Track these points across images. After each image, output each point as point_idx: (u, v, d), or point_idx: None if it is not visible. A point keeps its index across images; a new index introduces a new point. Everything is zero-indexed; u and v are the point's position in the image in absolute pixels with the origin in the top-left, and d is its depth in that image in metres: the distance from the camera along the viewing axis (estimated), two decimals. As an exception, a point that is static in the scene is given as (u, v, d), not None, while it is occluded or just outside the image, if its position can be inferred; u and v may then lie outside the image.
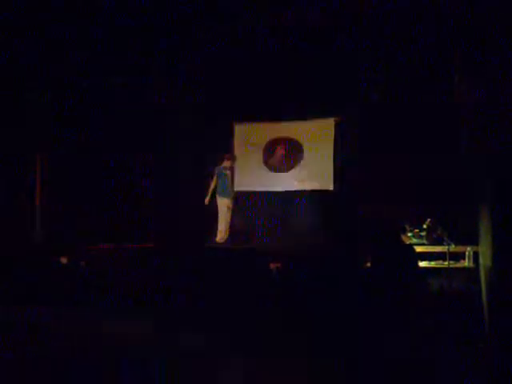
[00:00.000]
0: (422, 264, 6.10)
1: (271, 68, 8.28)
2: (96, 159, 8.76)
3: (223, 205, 8.48)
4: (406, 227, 6.70)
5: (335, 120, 8.66)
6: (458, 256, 6.39)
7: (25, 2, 6.73)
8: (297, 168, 8.97)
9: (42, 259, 7.21)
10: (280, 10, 6.97)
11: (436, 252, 6.50)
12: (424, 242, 6.75)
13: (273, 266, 6.35)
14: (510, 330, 4.13)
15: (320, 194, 8.69)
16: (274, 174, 9.11)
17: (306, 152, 8.93)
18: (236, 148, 9.18)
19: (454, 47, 6.17)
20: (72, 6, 6.80)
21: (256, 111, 8.91)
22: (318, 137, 8.84)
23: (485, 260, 4.57)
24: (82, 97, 8.52)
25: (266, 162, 9.13)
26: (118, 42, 7.76)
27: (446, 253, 6.27)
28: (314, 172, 8.82)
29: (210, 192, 8.51)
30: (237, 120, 9.16)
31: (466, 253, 6.28)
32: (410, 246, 5.45)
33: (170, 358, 4.67)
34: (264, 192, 8.99)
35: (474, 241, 5.54)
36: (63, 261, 7.06)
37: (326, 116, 8.75)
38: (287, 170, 9.04)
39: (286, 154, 9.06)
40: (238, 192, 8.81)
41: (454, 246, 6.35)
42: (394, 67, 7.85)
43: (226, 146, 8.98)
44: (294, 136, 9.04)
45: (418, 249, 6.03)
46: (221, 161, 8.75)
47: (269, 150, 9.14)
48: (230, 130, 9.21)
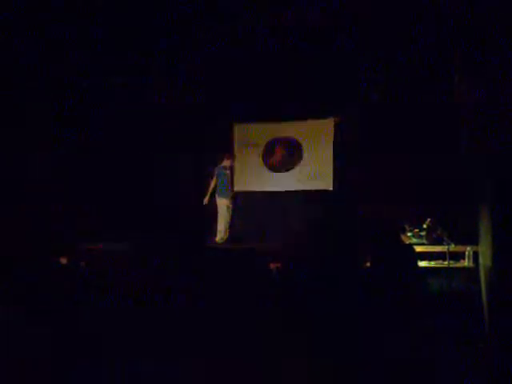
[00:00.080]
0: (421, 264, 6.11)
1: (271, 68, 8.28)
2: (96, 159, 8.76)
3: (223, 205, 8.49)
4: (406, 227, 6.72)
5: (335, 120, 8.66)
6: (458, 256, 6.39)
7: (25, 2, 6.73)
8: (296, 168, 8.98)
9: (42, 259, 7.21)
10: (280, 9, 6.98)
11: (436, 252, 6.51)
12: (424, 241, 6.75)
13: (273, 266, 6.35)
14: (509, 329, 4.13)
15: (320, 194, 8.70)
16: (273, 173, 9.12)
17: (305, 152, 8.94)
18: (236, 148, 9.20)
19: (454, 47, 6.16)
20: (72, 5, 6.81)
21: (256, 111, 8.92)
22: (317, 137, 8.84)
23: (485, 260, 4.57)
24: (82, 97, 8.52)
25: (265, 161, 9.14)
26: (118, 42, 7.77)
27: (445, 252, 6.27)
28: (313, 172, 8.82)
29: (210, 192, 8.51)
30: (237, 120, 9.17)
31: (466, 252, 6.28)
32: (410, 246, 5.46)
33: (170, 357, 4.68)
34: (264, 192, 9.00)
35: (473, 240, 5.54)
36: (63, 261, 7.06)
37: (325, 116, 8.76)
38: (287, 169, 9.05)
39: (285, 154, 9.06)
40: (237, 192, 8.82)
41: (453, 245, 6.36)
42: (393, 67, 7.86)
43: (225, 146, 8.99)
44: (294, 136, 9.04)
45: (418, 248, 6.03)
46: (220, 160, 8.78)
47: (269, 149, 9.14)
48: (229, 130, 9.22)
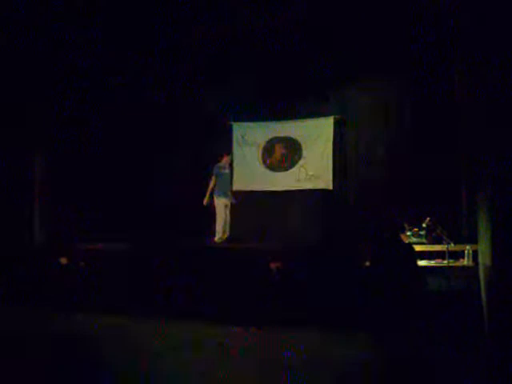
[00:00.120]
0: (421, 263, 6.12)
1: (271, 68, 8.28)
2: (96, 159, 8.76)
3: (221, 204, 8.41)
4: (406, 226, 6.72)
5: (335, 119, 8.65)
6: (458, 255, 6.39)
7: (25, 2, 6.73)
8: (296, 167, 8.94)
9: (42, 259, 7.22)
10: (280, 9, 6.98)
11: (435, 251, 6.50)
12: (423, 241, 6.75)
13: (273, 266, 6.37)
14: (509, 328, 4.14)
15: (319, 194, 8.70)
16: (273, 173, 9.09)
17: (305, 151, 8.91)
18: (235, 147, 9.17)
19: (454, 47, 6.19)
20: (72, 5, 6.81)
21: (255, 110, 8.91)
22: (317, 136, 8.81)
23: (484, 259, 4.59)
24: (82, 97, 8.52)
25: (265, 161, 9.12)
26: (118, 42, 7.77)
27: (445, 252, 6.28)
28: (313, 171, 8.80)
29: (209, 192, 8.43)
30: (236, 119, 9.16)
31: (466, 251, 6.28)
32: (410, 245, 5.47)
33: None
34: (263, 191, 8.98)
35: (473, 240, 5.57)
36: (63, 261, 7.07)
37: (325, 115, 8.75)
38: (286, 169, 9.02)
39: (285, 154, 9.04)
40: (236, 192, 8.78)
41: (453, 244, 6.36)
42: (394, 67, 7.86)
43: (225, 146, 8.97)
44: (294, 135, 9.01)
45: (418, 248, 6.04)
46: (218, 160, 8.67)
47: (268, 149, 9.12)
48: (229, 130, 9.21)
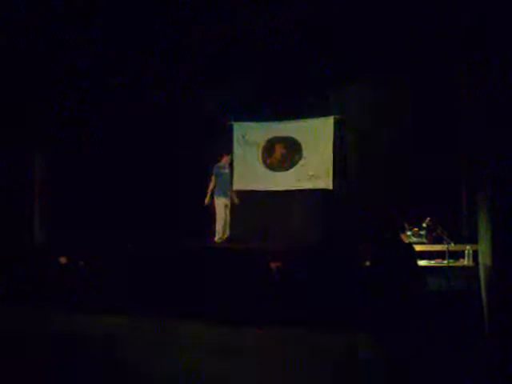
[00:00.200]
0: (421, 263, 6.11)
1: (271, 68, 8.29)
2: (96, 159, 8.75)
3: (221, 204, 8.41)
4: (406, 226, 6.73)
5: (335, 119, 8.65)
6: (458, 255, 6.40)
7: (25, 2, 6.73)
8: (296, 167, 8.95)
9: (42, 259, 7.22)
10: (280, 9, 6.98)
11: (436, 251, 6.51)
12: (423, 240, 6.75)
13: (273, 266, 6.36)
14: (509, 328, 4.14)
15: (320, 194, 8.70)
16: (273, 173, 9.10)
17: (305, 151, 8.92)
18: (236, 147, 9.18)
19: (455, 47, 6.18)
20: (72, 5, 6.81)
21: (255, 110, 8.91)
22: (317, 136, 8.82)
23: (484, 259, 4.58)
24: (82, 97, 8.51)
25: (265, 161, 9.12)
26: (118, 42, 7.76)
27: (445, 252, 6.28)
28: (313, 171, 8.81)
29: (210, 192, 8.45)
30: (236, 119, 9.16)
31: (466, 251, 6.28)
32: (410, 245, 5.47)
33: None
34: (264, 191, 8.99)
35: (473, 240, 5.56)
36: (63, 260, 7.07)
37: (325, 115, 8.75)
38: (287, 169, 9.03)
39: (285, 153, 9.05)
40: (237, 191, 8.79)
41: (453, 244, 6.36)
42: (394, 67, 7.85)
43: (225, 146, 8.97)
44: (294, 135, 9.02)
45: (418, 248, 6.04)
46: (218, 159, 8.67)
47: (268, 149, 9.13)
48: (229, 130, 9.21)
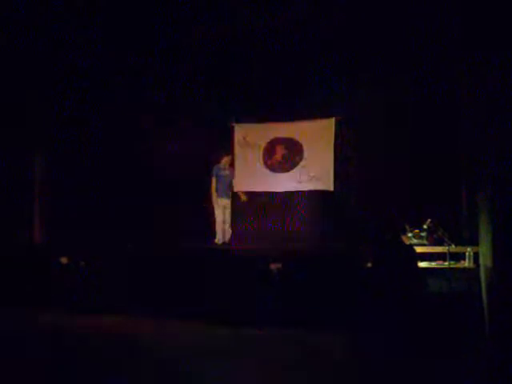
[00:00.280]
0: (422, 264, 6.10)
1: (271, 68, 8.28)
2: (96, 159, 8.75)
3: (222, 205, 8.35)
4: (407, 228, 6.71)
5: (336, 120, 8.63)
6: (459, 256, 6.38)
7: (25, 2, 6.74)
8: (297, 168, 8.92)
9: (42, 259, 7.22)
10: (280, 9, 6.97)
11: (436, 252, 6.49)
12: (424, 242, 6.73)
13: (273, 267, 6.35)
14: (510, 330, 4.12)
15: (320, 195, 8.68)
16: (274, 174, 9.07)
17: (306, 152, 8.89)
18: (236, 148, 9.15)
19: (455, 47, 6.17)
20: (72, 5, 6.82)
21: (256, 111, 8.90)
22: (318, 137, 8.80)
23: (485, 260, 4.57)
24: (82, 97, 8.50)
25: (266, 162, 9.09)
26: (118, 42, 7.77)
27: (446, 253, 6.26)
28: (314, 172, 8.78)
29: (214, 192, 8.36)
30: (237, 120, 9.15)
31: (467, 253, 6.26)
32: (411, 247, 5.46)
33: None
34: (264, 192, 8.97)
35: (474, 241, 5.54)
36: (63, 261, 7.07)
37: (326, 116, 8.73)
38: (287, 170, 9.00)
39: (286, 155, 9.02)
40: (237, 193, 8.75)
41: (454, 246, 6.35)
42: (394, 67, 7.84)
43: (225, 147, 8.95)
44: (295, 136, 8.99)
45: (419, 249, 6.03)
46: (218, 160, 8.62)
47: (269, 150, 9.09)
48: (229, 131, 9.19)
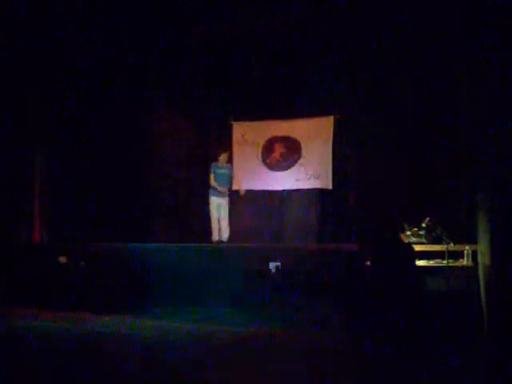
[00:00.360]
0: (421, 263, 6.12)
1: (271, 67, 8.29)
2: (96, 159, 8.75)
3: (213, 203, 8.22)
4: (405, 226, 6.73)
5: (335, 118, 8.64)
6: (457, 255, 6.40)
7: (25, 2, 6.74)
8: (296, 166, 8.92)
9: (42, 259, 7.23)
10: (280, 9, 6.99)
11: (435, 251, 6.51)
12: (423, 240, 6.75)
13: (272, 266, 6.39)
14: (508, 328, 4.16)
15: (319, 193, 8.69)
16: (272, 172, 9.06)
17: (304, 150, 8.87)
18: (235, 146, 9.14)
19: (455, 47, 6.19)
20: (72, 5, 6.82)
21: (255, 109, 8.91)
22: (316, 135, 8.79)
23: (483, 259, 4.60)
24: (82, 97, 8.49)
25: (264, 160, 9.08)
26: (118, 42, 7.77)
27: (444, 252, 6.29)
28: (312, 171, 8.78)
29: (218, 188, 8.21)
30: (235, 118, 9.15)
31: (465, 251, 6.28)
32: (409, 245, 5.49)
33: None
34: (263, 191, 8.98)
35: (472, 240, 5.57)
36: (63, 260, 7.09)
37: (325, 114, 8.74)
38: (286, 168, 9.01)
39: (284, 153, 9.01)
40: (236, 190, 8.74)
41: (452, 244, 6.37)
42: (394, 67, 7.85)
43: (224, 145, 8.95)
44: (293, 134, 8.98)
45: (417, 248, 6.05)
46: (216, 158, 8.56)
47: (267, 148, 9.08)
48: (229, 129, 9.20)
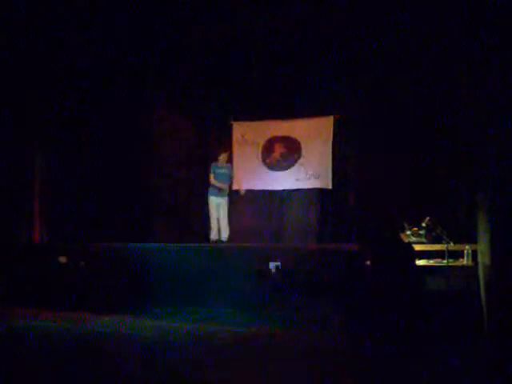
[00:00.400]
0: (421, 262, 6.13)
1: (271, 67, 8.30)
2: (96, 159, 8.75)
3: (212, 203, 8.19)
4: (405, 226, 6.73)
5: (334, 118, 8.64)
6: (457, 254, 6.40)
7: (25, 2, 6.74)
8: (296, 166, 8.93)
9: (42, 259, 7.24)
10: (280, 9, 6.99)
11: (435, 250, 6.51)
12: (423, 240, 6.75)
13: (272, 266, 6.39)
14: (508, 328, 4.17)
15: (319, 193, 8.70)
16: (272, 172, 9.07)
17: (305, 150, 8.89)
18: (235, 146, 9.15)
19: (455, 47, 6.20)
20: (72, 5, 6.82)
21: (255, 109, 8.91)
22: (316, 135, 8.80)
23: (483, 258, 4.61)
24: (82, 97, 8.50)
25: (264, 160, 9.10)
26: (118, 42, 7.78)
27: (444, 251, 6.29)
28: (312, 170, 8.79)
29: (219, 184, 8.19)
30: (235, 118, 9.16)
31: (465, 251, 6.28)
32: (409, 245, 5.49)
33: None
34: (263, 191, 8.98)
35: (472, 239, 5.58)
36: (62, 260, 7.09)
37: (325, 114, 8.75)
38: (286, 168, 9.02)
39: (284, 153, 9.02)
40: (235, 190, 8.74)
41: (452, 244, 6.37)
42: (394, 67, 7.86)
43: (225, 145, 8.96)
44: (293, 134, 8.99)
45: (417, 247, 6.05)
46: (216, 157, 8.56)
47: (267, 148, 9.09)
48: (229, 129, 9.20)
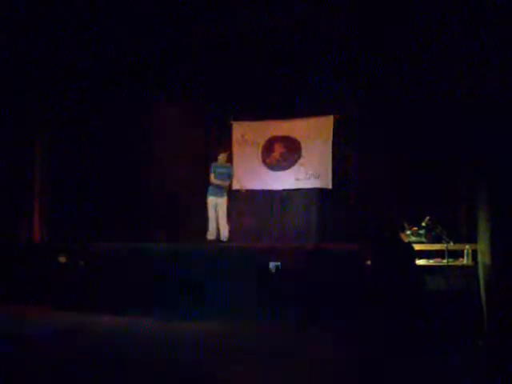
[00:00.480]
0: (421, 262, 6.14)
1: (271, 67, 8.30)
2: (96, 159, 8.75)
3: (210, 203, 8.15)
4: (405, 225, 6.74)
5: (334, 118, 8.64)
6: (457, 254, 6.41)
7: (25, 2, 6.74)
8: (296, 166, 8.94)
9: (42, 259, 7.25)
10: (280, 9, 6.99)
11: (435, 250, 6.52)
12: (423, 240, 6.76)
13: (272, 266, 6.39)
14: (508, 327, 4.17)
15: (319, 193, 8.70)
16: (272, 172, 9.08)
17: (305, 150, 8.89)
18: (235, 147, 9.16)
19: (455, 47, 6.19)
20: (72, 5, 6.82)
21: (255, 109, 8.91)
22: (316, 135, 8.81)
23: (483, 258, 4.62)
24: (82, 97, 8.50)
25: (264, 160, 9.10)
26: (118, 42, 7.77)
27: (444, 251, 6.30)
28: (312, 170, 8.80)
29: (219, 182, 8.16)
30: (235, 118, 9.16)
31: (465, 251, 6.29)
32: (409, 245, 5.51)
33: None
34: (263, 191, 8.98)
35: (472, 239, 5.59)
36: (62, 260, 7.10)
37: (325, 114, 8.75)
38: (286, 168, 9.02)
39: (284, 153, 9.03)
40: (236, 191, 8.73)
41: (452, 243, 6.38)
42: (394, 67, 7.85)
43: (225, 145, 8.96)
44: (293, 134, 9.00)
45: (417, 247, 6.07)
46: (216, 157, 8.53)
47: (267, 148, 9.10)
48: (229, 129, 9.20)
